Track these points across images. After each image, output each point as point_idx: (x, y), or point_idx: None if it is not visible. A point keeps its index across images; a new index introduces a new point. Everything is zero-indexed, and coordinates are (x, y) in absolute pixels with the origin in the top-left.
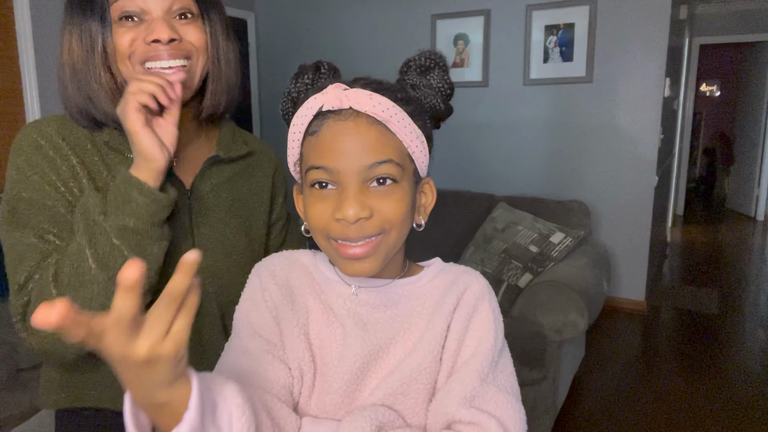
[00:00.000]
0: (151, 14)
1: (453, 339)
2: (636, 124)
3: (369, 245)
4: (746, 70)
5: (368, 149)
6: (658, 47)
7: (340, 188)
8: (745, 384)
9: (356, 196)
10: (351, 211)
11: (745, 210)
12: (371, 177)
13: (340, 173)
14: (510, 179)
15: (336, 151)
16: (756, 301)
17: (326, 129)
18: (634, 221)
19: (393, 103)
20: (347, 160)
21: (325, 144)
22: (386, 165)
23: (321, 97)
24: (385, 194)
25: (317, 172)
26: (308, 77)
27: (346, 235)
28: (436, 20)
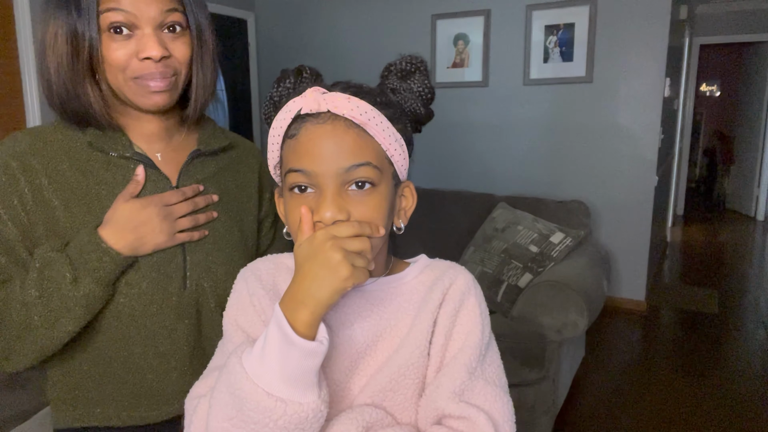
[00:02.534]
0: (142, 29)
1: (440, 334)
2: (636, 124)
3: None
4: (746, 70)
5: (346, 152)
6: (658, 47)
7: (318, 191)
8: (745, 384)
9: (333, 198)
10: (328, 213)
11: (745, 210)
12: (349, 180)
13: (318, 176)
14: (510, 179)
15: (314, 154)
16: (756, 301)
17: (304, 132)
18: (634, 221)
19: (371, 107)
20: (325, 162)
21: (303, 147)
22: (364, 168)
23: (300, 100)
24: (363, 198)
25: (296, 175)
26: (290, 81)
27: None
28: (436, 20)
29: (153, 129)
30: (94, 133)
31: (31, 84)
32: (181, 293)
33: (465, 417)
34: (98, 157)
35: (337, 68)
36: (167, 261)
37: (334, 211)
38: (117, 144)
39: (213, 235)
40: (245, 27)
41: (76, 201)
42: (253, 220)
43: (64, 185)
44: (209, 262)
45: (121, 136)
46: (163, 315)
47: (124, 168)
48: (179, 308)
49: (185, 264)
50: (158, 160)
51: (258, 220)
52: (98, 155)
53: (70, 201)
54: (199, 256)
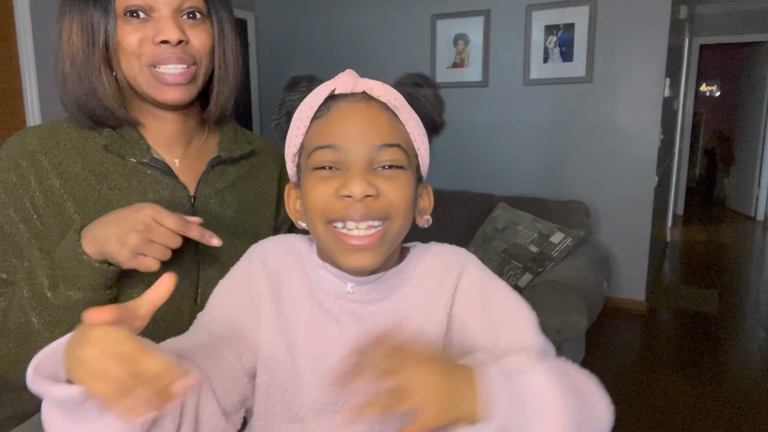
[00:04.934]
0: (159, 12)
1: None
2: (636, 124)
3: (375, 236)
4: (746, 70)
5: (379, 131)
6: (658, 47)
7: (344, 169)
8: (745, 384)
9: (362, 174)
10: (358, 188)
11: (745, 210)
12: (379, 161)
13: (348, 152)
14: (510, 179)
15: (345, 129)
16: (756, 301)
17: (336, 110)
18: (634, 221)
19: (403, 98)
20: (356, 139)
21: (334, 123)
22: (395, 149)
23: (331, 83)
24: (392, 178)
25: (323, 152)
26: (303, 86)
27: (349, 215)
28: (436, 20)
29: (172, 130)
30: (110, 135)
31: (31, 84)
32: (193, 310)
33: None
34: (114, 160)
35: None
36: (181, 277)
37: (364, 186)
38: (135, 148)
39: (228, 251)
40: (245, 27)
41: (90, 205)
42: (269, 230)
43: (77, 187)
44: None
45: (138, 139)
46: (174, 332)
47: (141, 174)
48: (191, 325)
49: (198, 280)
50: (176, 167)
51: (273, 229)
52: (114, 158)
53: (84, 204)
54: (213, 272)
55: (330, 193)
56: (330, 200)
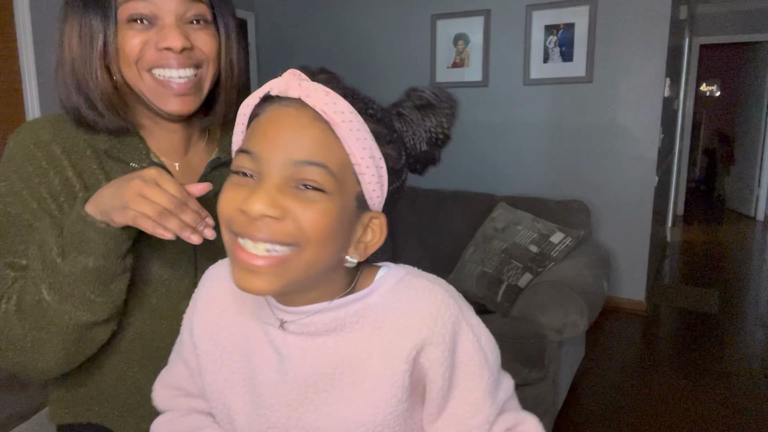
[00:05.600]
0: (163, 19)
1: (431, 379)
2: (636, 124)
3: (272, 259)
4: (746, 70)
5: (302, 144)
6: (658, 47)
7: (258, 180)
8: (745, 384)
9: (269, 190)
10: (257, 205)
11: (745, 210)
12: (297, 178)
13: (262, 161)
14: (510, 179)
15: (267, 136)
16: (756, 301)
17: (268, 113)
18: (634, 221)
19: (352, 110)
20: (274, 148)
21: (260, 128)
22: (317, 169)
23: (275, 82)
24: (307, 201)
25: (241, 157)
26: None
27: (247, 231)
28: (436, 20)
29: (174, 137)
30: (110, 140)
31: (31, 84)
32: None
33: (520, 421)
34: (116, 166)
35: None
36: (179, 278)
37: (264, 204)
38: (134, 153)
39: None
40: (245, 27)
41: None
42: None
43: (88, 179)
44: None
45: (138, 143)
46: (173, 332)
47: None
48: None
49: (196, 280)
50: (176, 170)
51: None
52: (116, 164)
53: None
54: None
55: (236, 202)
56: (233, 211)
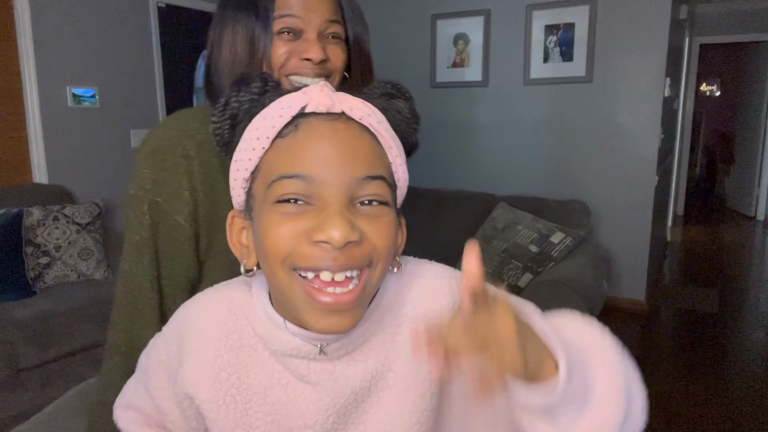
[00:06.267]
0: (308, 33)
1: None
2: (636, 124)
3: (354, 293)
4: (746, 70)
5: (360, 159)
6: (658, 47)
7: (318, 205)
8: (745, 384)
9: (343, 213)
10: (338, 233)
11: (745, 210)
12: (359, 196)
13: (323, 185)
14: (510, 179)
15: (320, 156)
16: (756, 301)
17: (306, 129)
18: (634, 221)
19: (385, 118)
20: (334, 168)
21: (303, 147)
22: (379, 183)
23: (300, 96)
24: (375, 217)
25: (291, 183)
26: (256, 86)
27: (324, 264)
28: (436, 20)
29: None
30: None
31: (31, 84)
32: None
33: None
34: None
35: None
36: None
37: (346, 229)
38: None
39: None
40: None
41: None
42: None
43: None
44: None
45: None
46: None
47: None
48: None
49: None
50: None
51: None
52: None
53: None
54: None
55: (297, 234)
56: (298, 244)
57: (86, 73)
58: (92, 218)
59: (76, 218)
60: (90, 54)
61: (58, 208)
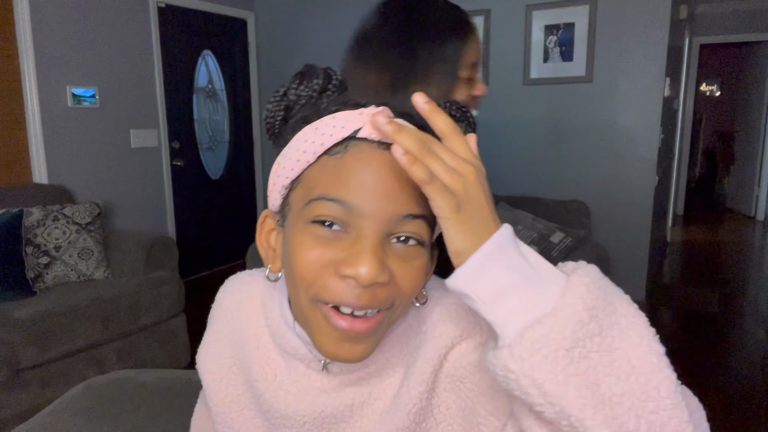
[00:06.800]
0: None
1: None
2: (636, 124)
3: (371, 322)
4: (746, 70)
5: (406, 195)
6: (658, 47)
7: (353, 235)
8: (746, 383)
9: (376, 251)
10: (368, 271)
11: (745, 210)
12: (397, 232)
13: (363, 215)
14: (510, 179)
15: (364, 184)
16: (756, 301)
17: (356, 153)
18: (634, 221)
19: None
20: (377, 200)
21: (349, 172)
22: (419, 222)
23: (357, 117)
24: (408, 257)
25: (329, 206)
26: (317, 83)
27: (347, 299)
28: None
29: None
30: None
31: (31, 84)
32: None
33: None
34: None
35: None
36: None
37: (376, 269)
38: None
39: None
40: (245, 27)
41: None
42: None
43: None
44: None
45: None
46: None
47: None
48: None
49: None
50: None
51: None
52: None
53: None
54: None
55: (325, 263)
56: (324, 274)
57: (86, 73)
58: (92, 218)
59: (76, 218)
60: (90, 54)
61: (58, 208)
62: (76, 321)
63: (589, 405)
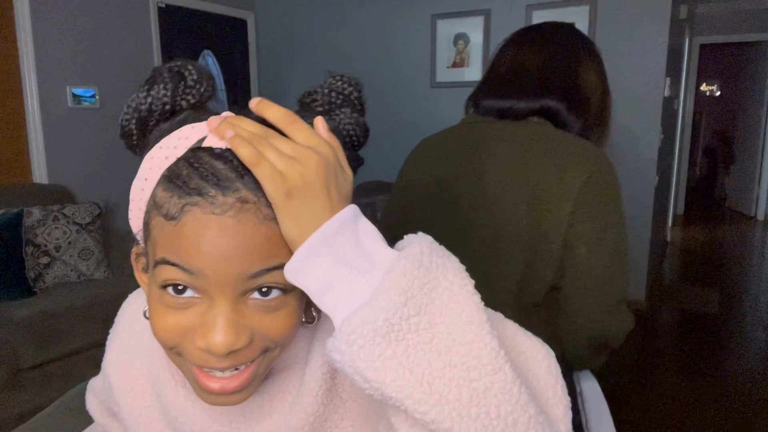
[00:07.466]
0: None
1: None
2: (636, 124)
3: (244, 375)
4: (746, 70)
5: (253, 253)
6: (658, 47)
7: (205, 300)
8: (745, 384)
9: (230, 317)
10: (222, 343)
11: (745, 210)
12: (253, 287)
13: (208, 280)
14: None
15: (204, 251)
16: (756, 301)
17: (191, 221)
18: (634, 221)
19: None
20: (220, 264)
21: (186, 238)
22: (277, 272)
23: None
24: (271, 310)
25: (173, 271)
26: (165, 87)
27: (210, 364)
28: (436, 20)
29: None
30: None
31: (31, 84)
32: None
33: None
34: None
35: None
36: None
37: (231, 338)
38: None
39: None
40: (245, 27)
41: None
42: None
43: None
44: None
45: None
46: None
47: None
48: None
49: None
50: None
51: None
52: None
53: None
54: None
55: (181, 331)
56: (183, 341)
57: (86, 73)
58: (92, 218)
59: (76, 218)
60: (90, 54)
61: (58, 208)
62: (76, 321)
63: (407, 386)
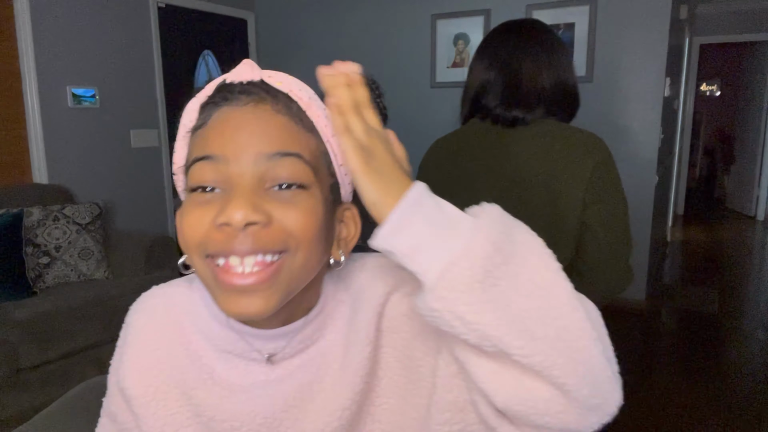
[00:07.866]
0: None
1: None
2: (636, 124)
3: (265, 273)
4: (746, 70)
5: (270, 135)
6: (658, 47)
7: (228, 191)
8: (745, 384)
9: (247, 194)
10: (238, 213)
11: (745, 210)
12: (271, 177)
13: (228, 163)
14: None
15: (226, 134)
16: (756, 301)
17: (217, 116)
18: (634, 221)
19: (314, 94)
20: (240, 144)
21: (212, 130)
22: (293, 161)
23: (226, 75)
24: (289, 200)
25: (200, 166)
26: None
27: (231, 247)
28: (436, 20)
29: None
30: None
31: (31, 84)
32: None
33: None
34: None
35: None
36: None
37: (247, 209)
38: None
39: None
40: (245, 27)
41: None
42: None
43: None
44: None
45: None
46: None
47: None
48: None
49: None
50: None
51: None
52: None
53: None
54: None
55: (207, 221)
56: (207, 231)
57: (86, 73)
58: (92, 218)
59: (76, 218)
60: (90, 54)
61: (58, 208)
62: (76, 321)
63: (504, 323)
